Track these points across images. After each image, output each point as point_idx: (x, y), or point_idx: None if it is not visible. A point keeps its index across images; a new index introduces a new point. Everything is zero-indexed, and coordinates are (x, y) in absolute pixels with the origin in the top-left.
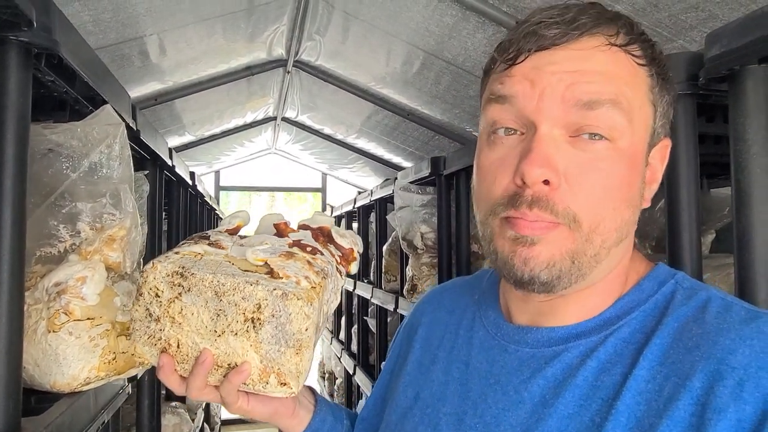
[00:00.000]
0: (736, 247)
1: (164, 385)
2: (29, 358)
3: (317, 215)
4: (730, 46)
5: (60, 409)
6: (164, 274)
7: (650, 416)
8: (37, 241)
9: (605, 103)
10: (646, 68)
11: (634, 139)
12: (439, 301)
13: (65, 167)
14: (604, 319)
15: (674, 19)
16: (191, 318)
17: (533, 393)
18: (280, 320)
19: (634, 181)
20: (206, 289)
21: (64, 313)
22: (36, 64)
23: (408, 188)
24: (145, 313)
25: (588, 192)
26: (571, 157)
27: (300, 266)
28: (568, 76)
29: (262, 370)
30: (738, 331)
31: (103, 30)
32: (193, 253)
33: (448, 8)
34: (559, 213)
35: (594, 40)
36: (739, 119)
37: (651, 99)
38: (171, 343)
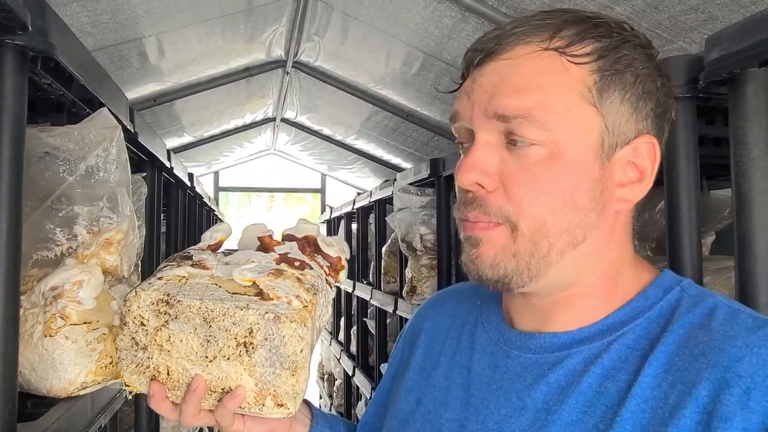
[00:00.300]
0: (737, 251)
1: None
2: (25, 362)
3: (301, 223)
4: (731, 49)
5: (56, 414)
6: (148, 303)
7: (655, 424)
8: (33, 245)
9: (516, 117)
10: (586, 66)
11: (569, 143)
12: (442, 306)
13: (62, 170)
14: (608, 324)
15: (674, 20)
16: (180, 345)
17: (536, 399)
18: (274, 343)
19: (579, 184)
20: (194, 315)
21: (61, 318)
22: (32, 67)
23: (407, 190)
24: (131, 342)
25: (522, 195)
26: (507, 162)
27: (290, 285)
28: (490, 87)
29: (258, 392)
30: (745, 338)
31: (101, 31)
32: (177, 277)
33: (448, 9)
34: (492, 213)
35: (526, 48)
36: (740, 123)
37: (589, 99)
38: (160, 370)
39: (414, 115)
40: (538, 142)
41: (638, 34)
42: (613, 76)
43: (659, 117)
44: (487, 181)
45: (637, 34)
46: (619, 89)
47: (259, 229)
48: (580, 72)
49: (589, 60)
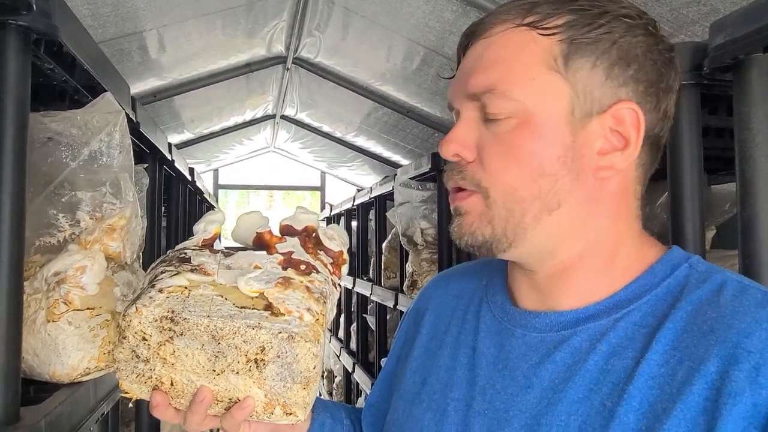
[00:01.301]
0: (740, 237)
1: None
2: (28, 348)
3: (300, 213)
4: (735, 35)
5: (59, 399)
6: (151, 320)
7: (663, 401)
8: (36, 231)
9: (483, 94)
10: (555, 36)
11: (537, 111)
12: (447, 286)
13: (65, 156)
14: (614, 302)
15: (676, 13)
16: (185, 359)
17: (542, 378)
18: (287, 360)
19: (548, 151)
20: (202, 333)
21: (64, 303)
22: (35, 51)
23: (408, 184)
24: (131, 355)
25: (493, 164)
26: (483, 135)
27: (300, 296)
28: (468, 68)
29: (267, 403)
30: (754, 314)
31: (102, 24)
32: (179, 289)
33: (449, 4)
34: (468, 179)
35: (502, 26)
36: (744, 108)
37: (554, 66)
38: (163, 381)
39: (414, 112)
40: (506, 113)
41: (625, 5)
42: (582, 44)
43: (645, 84)
44: (466, 153)
45: (624, 5)
46: (589, 56)
47: (255, 219)
48: (547, 42)
49: (557, 31)
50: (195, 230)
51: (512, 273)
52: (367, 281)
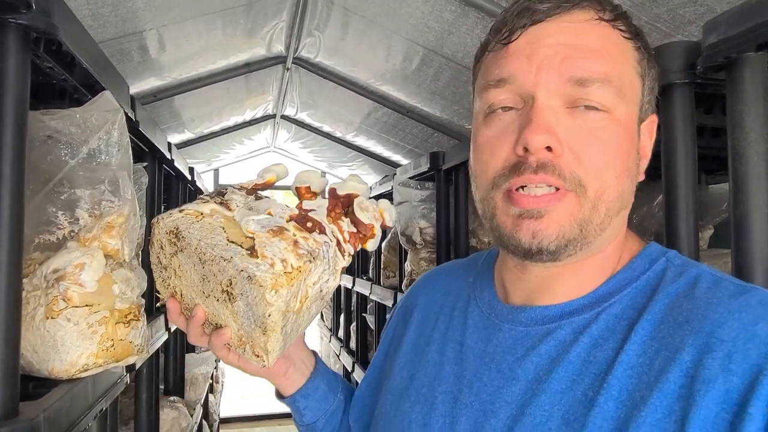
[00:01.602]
0: (734, 235)
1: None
2: (27, 344)
3: (350, 180)
4: (728, 34)
5: (58, 394)
6: (165, 231)
7: (641, 389)
8: (35, 228)
9: (596, 81)
10: (632, 42)
11: (628, 112)
12: (435, 283)
13: (64, 154)
14: (597, 296)
15: (673, 13)
16: (186, 275)
17: (527, 370)
18: (248, 300)
19: (631, 151)
20: (193, 253)
21: (63, 300)
22: (35, 49)
23: (407, 183)
24: (157, 260)
25: (591, 159)
26: (571, 126)
27: (282, 247)
28: (563, 49)
29: (240, 337)
30: (727, 304)
31: (102, 24)
32: (195, 213)
33: (448, 4)
34: (566, 178)
35: (584, 14)
36: (737, 107)
37: (639, 72)
38: (176, 291)
39: (414, 111)
40: (606, 108)
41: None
42: (646, 55)
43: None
44: (557, 145)
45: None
46: (649, 68)
47: (307, 176)
48: (630, 47)
49: (632, 36)
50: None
51: (505, 270)
52: (366, 280)
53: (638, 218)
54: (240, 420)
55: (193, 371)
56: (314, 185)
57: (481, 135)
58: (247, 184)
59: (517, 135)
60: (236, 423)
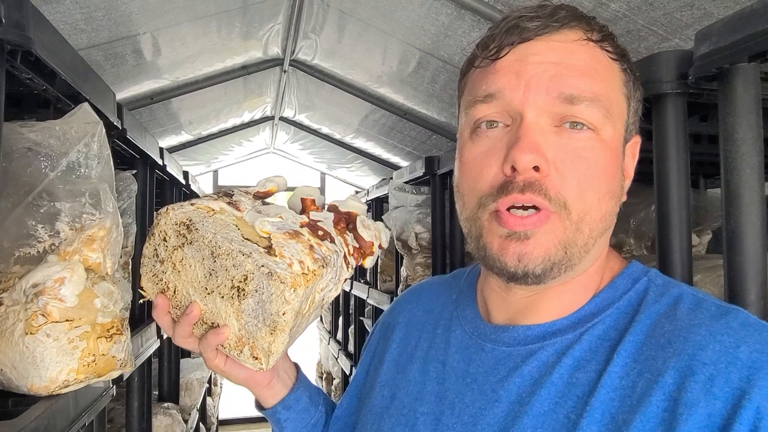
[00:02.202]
0: (726, 249)
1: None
2: (6, 360)
3: (351, 199)
4: (720, 44)
5: (35, 413)
6: (174, 222)
7: (624, 412)
8: (15, 242)
9: (585, 99)
10: (618, 63)
11: (614, 132)
12: (417, 300)
13: (44, 166)
14: (580, 316)
15: (669, 17)
16: (188, 270)
17: (510, 391)
18: (262, 297)
19: (616, 172)
20: (204, 247)
21: (42, 315)
22: (11, 61)
23: (402, 188)
24: (153, 253)
25: (576, 180)
26: (558, 145)
27: (300, 249)
28: (552, 67)
29: (239, 338)
30: (708, 327)
31: (95, 28)
32: (207, 209)
33: (443, 7)
34: (552, 198)
35: (573, 34)
36: (729, 118)
37: (625, 93)
38: (169, 286)
39: (411, 114)
40: (594, 127)
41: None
42: (632, 77)
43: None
44: (545, 165)
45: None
46: (634, 90)
47: (308, 190)
48: (616, 67)
49: (619, 58)
50: (256, 183)
51: (488, 290)
52: (364, 284)
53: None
54: (239, 422)
55: (188, 376)
56: (318, 199)
57: (468, 152)
58: (250, 190)
59: (505, 153)
60: (235, 425)
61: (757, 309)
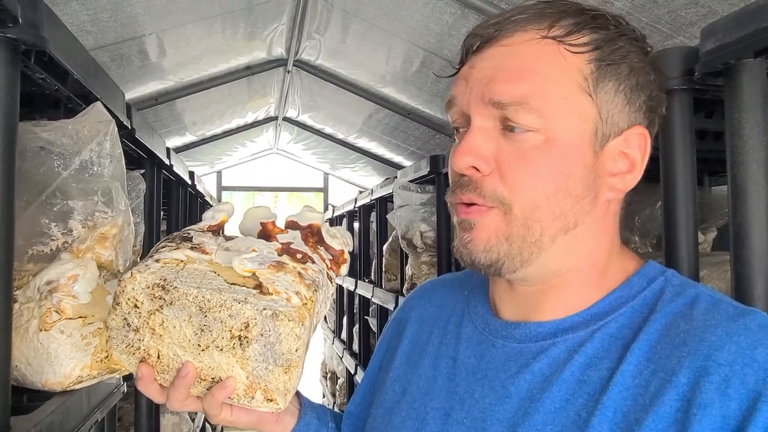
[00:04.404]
0: (733, 244)
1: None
2: (21, 356)
3: (306, 211)
4: (725, 40)
5: (50, 408)
6: (144, 286)
7: (636, 411)
8: (29, 240)
9: (512, 104)
10: (584, 56)
11: (564, 131)
12: (429, 296)
13: (57, 165)
14: (592, 314)
15: (674, 15)
16: (173, 331)
17: (520, 388)
18: (269, 339)
19: (572, 171)
20: (190, 304)
21: (56, 312)
22: (25, 61)
23: (407, 187)
24: (123, 323)
25: (517, 179)
26: (502, 147)
27: (290, 280)
28: (489, 72)
29: (248, 385)
30: (725, 327)
31: (101, 30)
32: (175, 261)
33: (448, 6)
34: (486, 196)
35: (525, 35)
36: (735, 114)
37: (585, 87)
38: (150, 353)
39: (415, 113)
40: (534, 127)
41: (634, 29)
42: (609, 67)
43: (651, 110)
44: (483, 165)
45: (633, 29)
46: (614, 80)
47: (262, 213)
48: (577, 61)
49: (586, 50)
50: (203, 217)
51: (494, 285)
52: (368, 283)
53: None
54: None
55: None
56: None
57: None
58: (203, 226)
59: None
60: None
61: (763, 304)
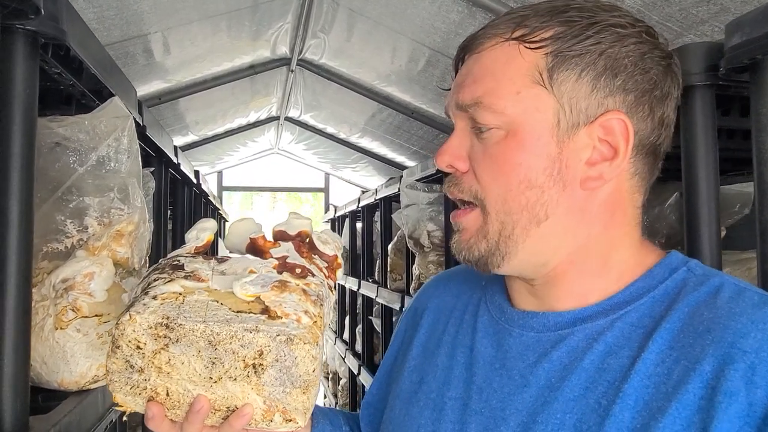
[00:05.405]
0: (759, 240)
1: None
2: (36, 355)
3: (293, 218)
4: (752, 35)
5: (68, 407)
6: (145, 327)
7: (659, 399)
8: (43, 237)
9: (470, 106)
10: (541, 50)
11: (522, 124)
12: (446, 285)
13: (72, 161)
14: (612, 304)
15: (685, 12)
16: (181, 367)
17: (539, 377)
18: (285, 364)
19: (533, 163)
20: (198, 339)
21: (72, 310)
22: (42, 55)
23: (414, 186)
24: (125, 365)
25: (485, 175)
26: (474, 146)
27: (297, 299)
28: (459, 80)
29: (266, 410)
30: (750, 315)
31: (107, 28)
32: (173, 295)
33: (455, 4)
34: (464, 191)
35: (491, 41)
36: (762, 109)
37: (539, 80)
38: (158, 391)
39: (419, 113)
40: (493, 124)
41: (619, 16)
42: (567, 56)
43: (636, 93)
44: (459, 164)
45: (617, 15)
46: (574, 68)
47: (248, 226)
48: (533, 56)
49: (545, 44)
50: (187, 239)
51: (509, 277)
52: (372, 283)
53: (649, 220)
54: None
55: None
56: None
57: None
58: (190, 249)
59: None
60: None
61: None
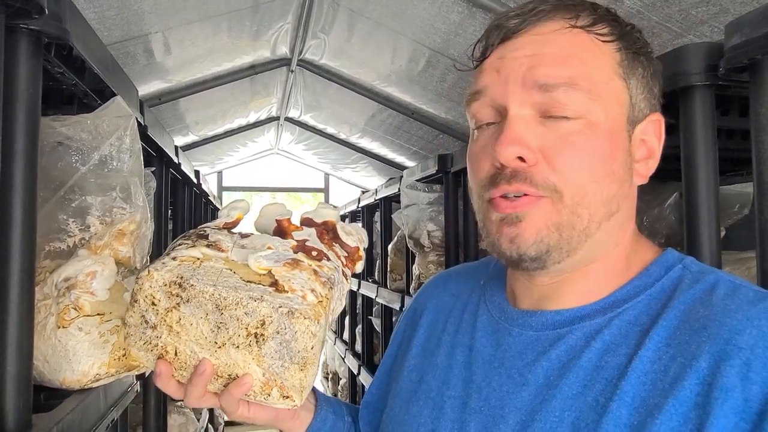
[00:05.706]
0: (759, 240)
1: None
2: (38, 354)
3: (321, 208)
4: (752, 35)
5: (70, 406)
6: (161, 284)
7: (655, 396)
8: (46, 236)
9: (560, 86)
10: (612, 44)
11: (608, 115)
12: (445, 285)
13: (75, 160)
14: (609, 302)
15: (685, 13)
16: (190, 328)
17: (537, 375)
18: (285, 337)
19: (616, 155)
20: (206, 301)
21: (74, 309)
22: (46, 55)
23: (414, 186)
24: (141, 320)
25: (565, 166)
26: (545, 135)
27: (306, 277)
28: (527, 60)
29: (265, 383)
30: (745, 311)
31: (108, 27)
32: (191, 259)
33: (455, 5)
34: (539, 185)
35: (554, 24)
36: (761, 109)
37: (620, 74)
38: (168, 350)
39: (419, 113)
40: (578, 112)
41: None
42: (635, 55)
43: (660, 98)
44: (529, 155)
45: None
46: (639, 67)
47: (277, 209)
48: (609, 49)
49: (612, 39)
50: (219, 215)
51: (511, 275)
52: (372, 283)
53: (649, 221)
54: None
55: None
56: (286, 215)
57: (470, 150)
58: (219, 223)
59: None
60: (240, 426)
61: None
